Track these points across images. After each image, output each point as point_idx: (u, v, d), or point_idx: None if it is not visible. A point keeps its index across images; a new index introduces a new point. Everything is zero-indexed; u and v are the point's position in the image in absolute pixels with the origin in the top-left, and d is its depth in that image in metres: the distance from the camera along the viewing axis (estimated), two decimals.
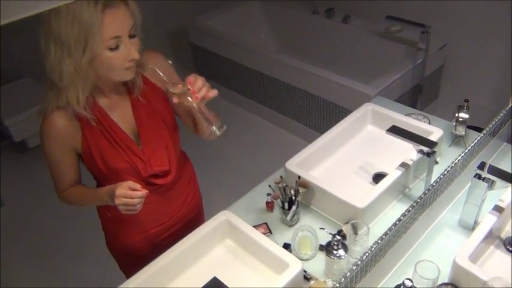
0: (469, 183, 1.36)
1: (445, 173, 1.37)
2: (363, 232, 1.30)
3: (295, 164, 1.54)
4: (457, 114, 1.67)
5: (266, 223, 1.48)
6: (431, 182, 1.38)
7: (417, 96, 2.84)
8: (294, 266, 1.19)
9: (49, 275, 2.41)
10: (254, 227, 1.40)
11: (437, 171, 1.45)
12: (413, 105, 2.78)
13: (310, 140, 1.67)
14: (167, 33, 3.89)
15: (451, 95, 2.97)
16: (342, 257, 1.23)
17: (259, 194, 1.56)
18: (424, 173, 1.44)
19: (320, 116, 2.91)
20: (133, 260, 1.37)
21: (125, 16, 1.08)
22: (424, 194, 1.30)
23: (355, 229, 1.33)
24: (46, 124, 1.17)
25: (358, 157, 1.70)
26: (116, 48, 1.09)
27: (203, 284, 1.26)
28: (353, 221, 1.32)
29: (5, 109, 2.96)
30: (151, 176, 1.31)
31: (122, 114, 1.27)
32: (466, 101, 1.65)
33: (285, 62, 2.95)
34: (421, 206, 1.32)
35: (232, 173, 2.95)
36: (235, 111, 3.54)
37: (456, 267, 1.19)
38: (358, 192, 1.44)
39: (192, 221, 1.52)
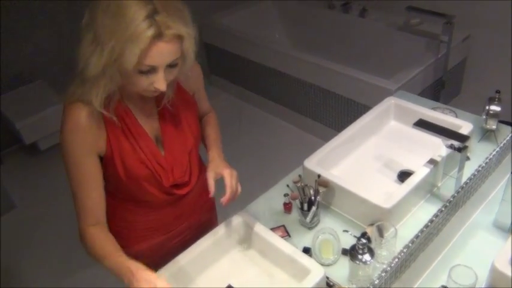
0: (504, 181, 1.25)
1: (480, 169, 1.26)
2: (390, 235, 1.20)
3: (314, 162, 1.44)
4: (487, 107, 1.55)
5: (284, 225, 1.38)
6: (464, 179, 1.27)
7: (439, 91, 2.71)
8: (316, 272, 1.10)
9: (60, 277, 2.36)
10: (271, 229, 1.31)
11: (468, 168, 1.34)
12: (435, 100, 2.66)
13: (327, 139, 1.56)
14: None
15: (475, 89, 2.84)
16: (368, 262, 1.13)
17: (276, 195, 1.47)
18: (454, 170, 1.33)
19: (338, 113, 2.80)
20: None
21: (172, 51, 0.99)
22: (457, 192, 1.19)
23: (380, 232, 1.23)
24: (69, 114, 1.06)
25: (381, 154, 1.59)
26: (147, 72, 1.00)
27: None
28: (379, 223, 1.22)
29: (16, 112, 2.92)
30: (172, 186, 1.23)
31: (147, 118, 1.18)
32: (498, 92, 1.53)
33: (300, 58, 2.85)
34: (454, 206, 1.21)
35: (246, 173, 2.83)
36: (250, 110, 3.45)
37: (495, 273, 1.07)
38: (382, 192, 1.34)
39: (205, 224, 1.43)
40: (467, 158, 1.37)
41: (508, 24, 2.54)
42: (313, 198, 1.34)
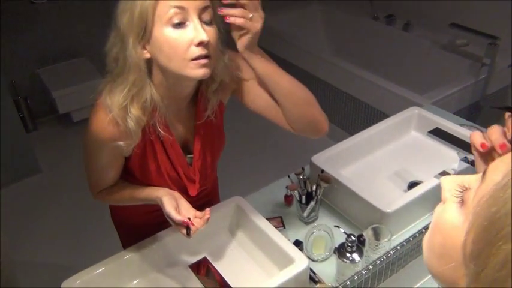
0: None
1: None
2: (385, 240, 1.15)
3: (322, 159, 1.41)
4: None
5: (281, 217, 1.36)
6: None
7: (475, 115, 2.60)
8: (299, 263, 1.07)
9: (78, 242, 2.43)
10: (267, 219, 1.28)
11: None
12: None
13: None
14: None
15: None
16: (356, 262, 1.09)
17: (280, 188, 1.44)
18: None
19: (366, 125, 2.74)
20: (136, 235, 1.28)
21: None
22: None
23: (377, 235, 1.18)
24: (95, 117, 0.99)
25: (395, 162, 1.54)
26: (180, 25, 0.90)
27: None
28: (375, 225, 1.18)
29: (55, 83, 3.04)
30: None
31: (180, 126, 1.12)
32: None
33: (336, 65, 2.82)
34: None
35: (258, 165, 2.85)
36: None
37: None
38: (388, 199, 1.29)
39: (206, 203, 1.42)
40: None
41: None
42: (313, 193, 1.31)
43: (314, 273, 1.16)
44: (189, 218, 1.03)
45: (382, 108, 2.58)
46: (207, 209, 1.06)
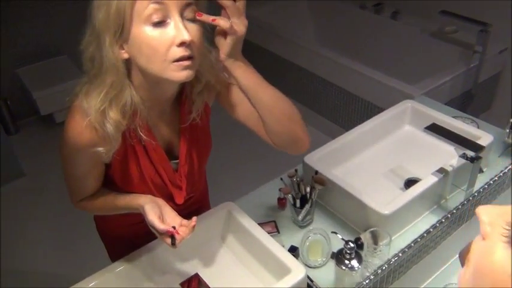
0: None
1: (491, 182, 1.15)
2: (384, 243, 1.10)
3: (315, 159, 1.35)
4: (511, 120, 1.43)
5: (274, 221, 1.30)
6: (473, 192, 1.17)
7: (467, 104, 2.57)
8: (297, 272, 1.01)
9: (64, 248, 2.36)
10: (260, 224, 1.23)
11: (481, 182, 1.23)
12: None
13: None
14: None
15: (506, 106, 2.67)
16: (355, 269, 1.04)
17: (272, 190, 1.39)
18: (466, 184, 1.22)
19: (356, 115, 2.70)
20: (123, 247, 1.22)
21: None
22: (463, 204, 1.09)
23: (375, 239, 1.13)
24: (74, 125, 0.92)
25: (390, 159, 1.49)
26: (161, 24, 0.82)
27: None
28: (373, 229, 1.13)
29: (35, 83, 2.94)
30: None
31: (163, 129, 1.06)
32: None
33: (323, 55, 2.75)
34: (457, 219, 1.11)
35: (247, 167, 2.79)
36: None
37: None
38: (385, 198, 1.24)
39: (195, 211, 1.36)
40: (481, 171, 1.26)
41: None
42: (308, 195, 1.25)
43: (311, 281, 1.11)
44: (174, 227, 0.96)
45: (373, 100, 2.53)
46: (194, 217, 1.00)
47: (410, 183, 1.37)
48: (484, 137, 1.38)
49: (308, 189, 1.26)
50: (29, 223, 2.54)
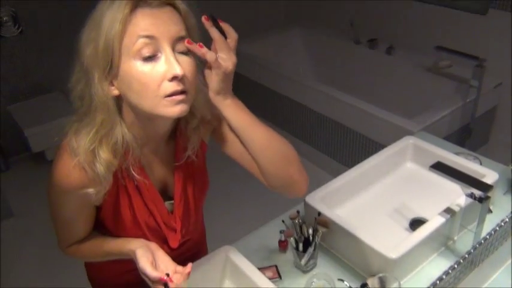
0: None
1: (502, 224, 1.10)
2: None
3: (317, 199, 1.30)
4: None
5: (276, 266, 1.24)
6: (483, 234, 1.11)
7: (465, 138, 2.55)
8: None
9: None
10: (261, 269, 1.17)
11: (489, 222, 1.18)
12: None
13: None
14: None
15: (504, 140, 2.66)
16: None
17: (272, 231, 1.33)
18: (473, 224, 1.18)
19: (354, 151, 2.66)
20: None
21: (168, 19, 0.80)
22: (475, 248, 1.04)
23: (383, 284, 1.08)
24: (62, 165, 0.87)
25: (393, 198, 1.44)
26: (151, 58, 0.79)
27: None
28: (381, 275, 1.07)
29: (27, 120, 2.90)
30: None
31: (157, 168, 1.00)
32: None
33: (319, 90, 2.74)
34: (469, 264, 1.05)
35: (245, 205, 2.72)
36: None
37: None
38: (390, 240, 1.18)
39: (192, 257, 1.29)
40: (489, 211, 1.22)
41: None
42: (311, 238, 1.20)
43: None
44: (168, 274, 0.89)
45: (371, 134, 2.51)
46: (190, 263, 0.93)
47: (415, 223, 1.33)
48: (489, 175, 1.34)
49: (311, 231, 1.21)
50: (15, 267, 2.43)
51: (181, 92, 0.81)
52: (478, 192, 1.13)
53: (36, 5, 2.93)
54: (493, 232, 1.09)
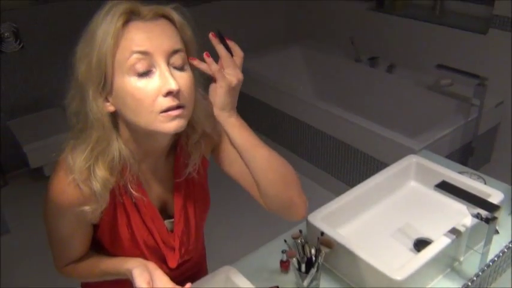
0: None
1: (510, 245, 1.08)
2: None
3: (319, 218, 1.28)
4: None
5: (277, 287, 1.21)
6: (490, 256, 1.09)
7: (467, 157, 2.53)
8: None
9: None
10: None
11: (496, 243, 1.16)
12: None
13: (340, 195, 1.41)
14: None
15: (506, 159, 2.64)
16: None
17: (274, 251, 1.30)
18: (479, 244, 1.15)
19: (356, 169, 2.64)
20: None
21: (162, 32, 0.79)
22: (482, 271, 1.01)
23: None
24: (57, 182, 0.86)
25: (397, 217, 1.42)
26: (146, 74, 0.78)
27: None
28: None
29: (26, 135, 2.88)
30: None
31: (156, 185, 0.99)
32: None
33: (320, 108, 2.73)
34: (478, 287, 1.02)
35: (246, 224, 2.68)
36: None
37: None
38: (395, 260, 1.16)
39: (191, 277, 1.26)
40: (496, 232, 1.19)
41: None
42: (313, 258, 1.17)
43: None
44: None
45: (372, 153, 2.49)
46: (188, 284, 0.91)
47: (420, 243, 1.30)
48: (494, 195, 1.32)
49: (313, 251, 1.18)
50: (12, 284, 2.38)
51: (177, 107, 0.80)
52: (484, 213, 1.11)
53: (37, 21, 2.95)
54: (501, 254, 1.06)
